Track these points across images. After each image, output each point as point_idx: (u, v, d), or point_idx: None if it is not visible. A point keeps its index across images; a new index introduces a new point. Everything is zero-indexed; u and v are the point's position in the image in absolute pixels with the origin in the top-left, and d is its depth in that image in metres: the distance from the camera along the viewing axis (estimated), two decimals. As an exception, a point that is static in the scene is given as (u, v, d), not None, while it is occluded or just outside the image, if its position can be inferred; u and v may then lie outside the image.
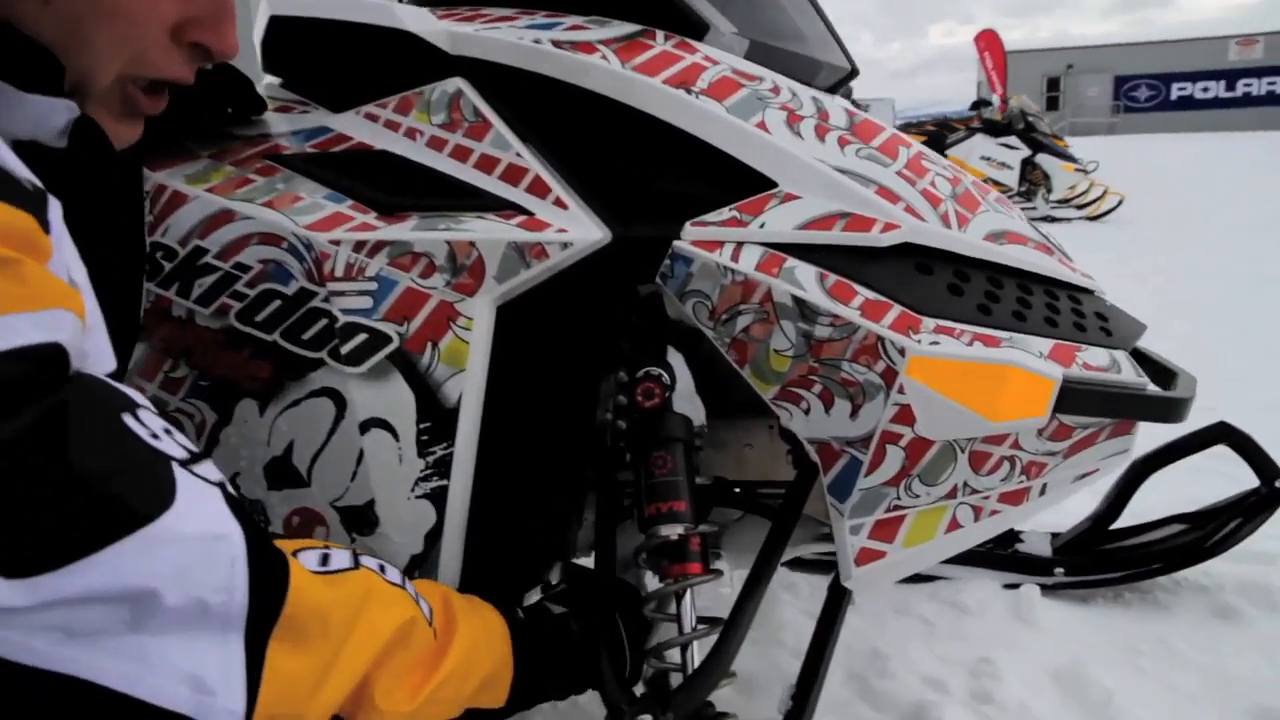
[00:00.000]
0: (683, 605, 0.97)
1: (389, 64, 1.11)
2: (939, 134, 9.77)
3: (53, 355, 0.57)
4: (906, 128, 11.32)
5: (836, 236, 1.00)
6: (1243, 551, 1.82)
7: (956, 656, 1.63)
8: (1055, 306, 1.08)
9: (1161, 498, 1.99)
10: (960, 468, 1.01)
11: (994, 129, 9.52)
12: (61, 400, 0.55)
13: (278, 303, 0.98)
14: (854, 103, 1.24)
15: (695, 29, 1.11)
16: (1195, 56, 32.54)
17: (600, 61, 1.03)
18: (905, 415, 0.96)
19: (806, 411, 0.99)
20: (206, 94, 1.10)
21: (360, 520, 0.97)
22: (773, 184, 1.02)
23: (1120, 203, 9.40)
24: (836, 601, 1.10)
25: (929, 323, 0.97)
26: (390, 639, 0.74)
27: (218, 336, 1.01)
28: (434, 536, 0.98)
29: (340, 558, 0.75)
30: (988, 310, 1.01)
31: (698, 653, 0.98)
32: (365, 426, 0.97)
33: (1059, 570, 1.89)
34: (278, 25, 1.18)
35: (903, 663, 1.61)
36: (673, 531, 0.96)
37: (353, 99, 1.14)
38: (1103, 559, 1.89)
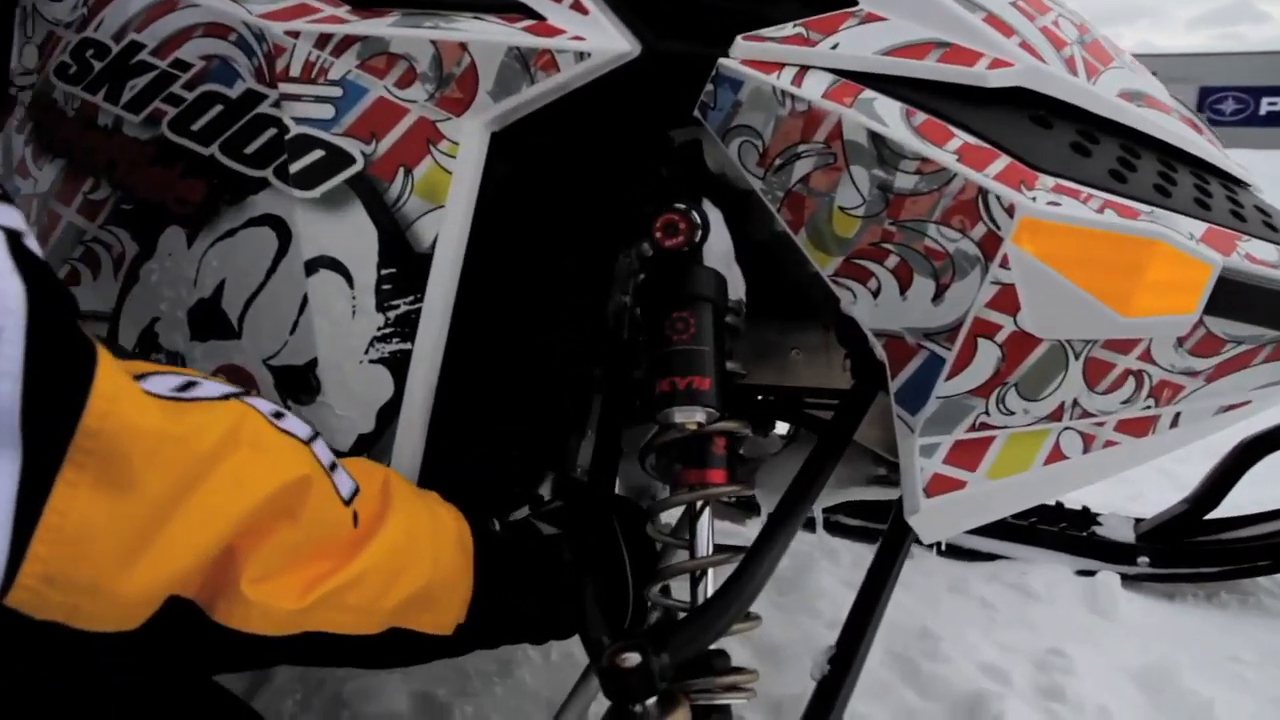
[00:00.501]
0: (699, 524, 0.75)
1: None
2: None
3: None
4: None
5: (930, 69, 0.77)
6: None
7: (1020, 645, 1.40)
8: (1206, 189, 0.84)
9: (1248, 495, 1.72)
10: (1071, 380, 0.78)
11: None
12: None
13: (219, 108, 0.79)
14: None
15: None
16: (1288, 72, 31.20)
17: None
18: (1007, 299, 0.73)
19: (876, 292, 0.77)
20: None
21: (298, 384, 0.77)
22: (852, 1, 0.79)
23: None
24: (895, 544, 0.87)
25: (1046, 180, 0.74)
26: (265, 501, 0.53)
27: (146, 149, 0.82)
28: (389, 413, 0.78)
29: (211, 387, 0.54)
30: (1122, 178, 0.78)
31: (711, 586, 0.76)
32: (313, 266, 0.76)
33: (1143, 560, 1.64)
34: None
35: (957, 646, 1.38)
36: (690, 419, 0.73)
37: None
38: (1196, 551, 1.64)
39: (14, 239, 0.43)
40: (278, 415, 0.58)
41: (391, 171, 0.77)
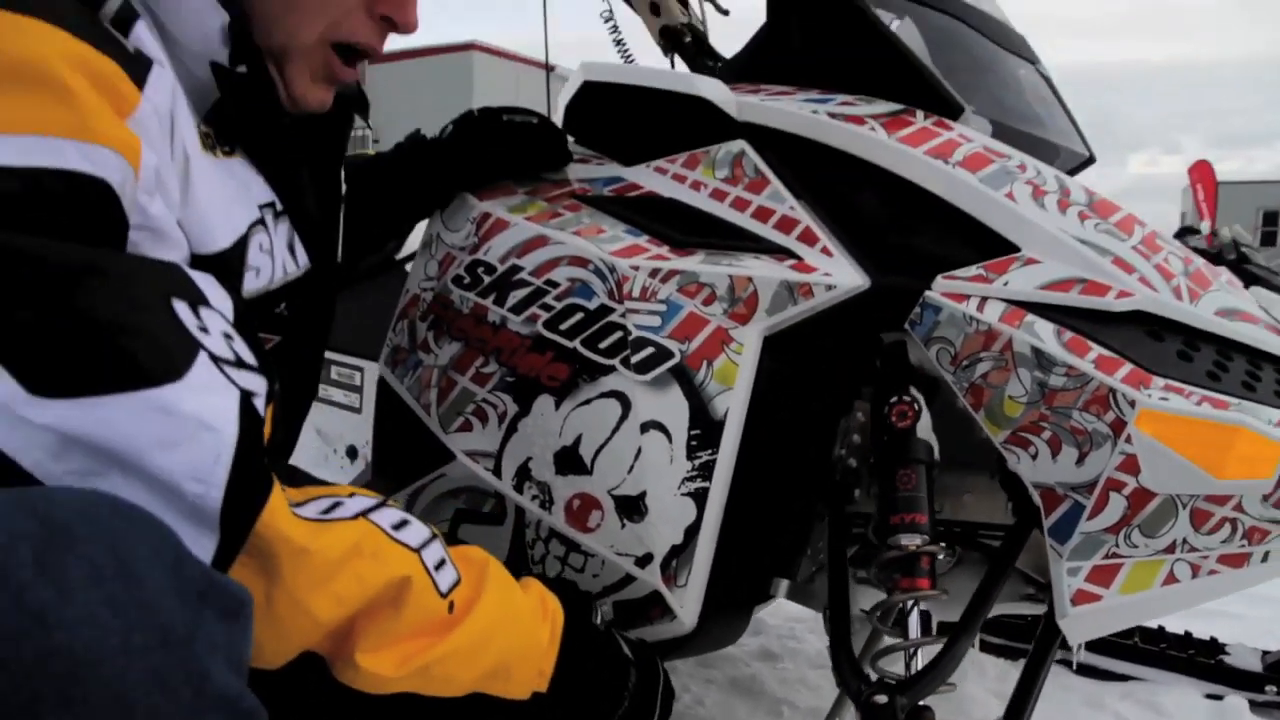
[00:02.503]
0: (910, 616, 1.07)
1: (684, 125, 1.30)
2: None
3: (96, 187, 0.62)
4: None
5: (1074, 298, 1.10)
6: None
7: (1154, 755, 1.62)
8: (1285, 383, 1.14)
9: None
10: (1181, 523, 1.07)
11: (1202, 258, 9.12)
12: (106, 257, 0.61)
13: (580, 315, 1.17)
14: None
15: (951, 110, 1.25)
16: None
17: (870, 132, 1.19)
18: (1130, 465, 1.04)
19: (1034, 456, 1.09)
20: (530, 141, 1.34)
21: (632, 508, 1.13)
22: (1016, 248, 1.14)
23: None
24: (1043, 654, 1.17)
25: (1159, 381, 1.05)
26: (375, 596, 0.71)
27: (525, 341, 1.20)
28: (693, 531, 1.13)
29: (350, 507, 0.75)
30: (1217, 377, 1.08)
31: (920, 662, 1.07)
32: (645, 427, 1.13)
33: (1271, 688, 1.83)
34: (589, 88, 1.40)
35: (1095, 750, 1.61)
36: (912, 542, 1.06)
37: (643, 154, 1.34)
38: (1323, 682, 1.83)
39: (245, 397, 0.63)
40: (399, 525, 0.75)
41: (699, 363, 1.14)
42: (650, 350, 1.14)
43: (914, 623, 1.08)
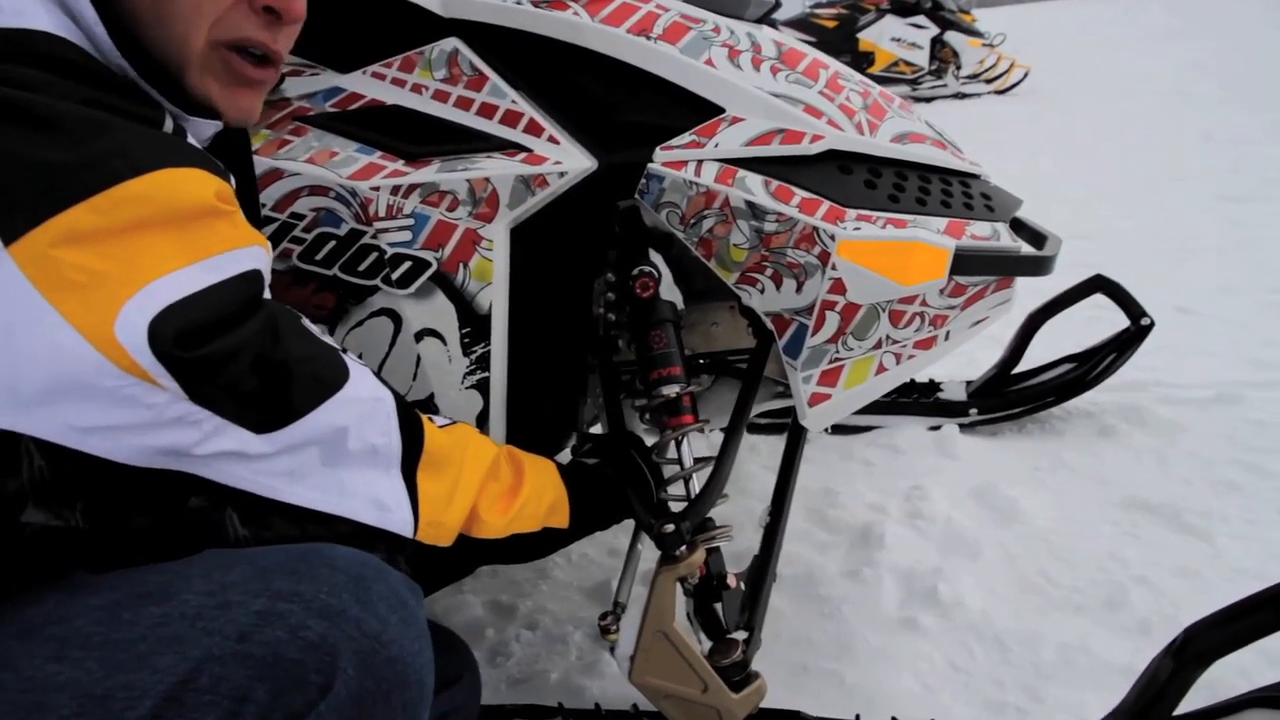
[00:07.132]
0: (682, 449, 1.25)
1: (392, 26, 1.30)
2: (851, 16, 9.95)
3: (260, 277, 0.81)
4: (817, 8, 11.43)
5: (775, 149, 1.25)
6: (1118, 382, 2.18)
7: (893, 487, 1.97)
8: (949, 191, 1.35)
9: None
10: (883, 324, 1.29)
11: (903, 10, 9.75)
12: (271, 312, 0.80)
13: (333, 243, 1.21)
14: None
15: (645, -18, 1.33)
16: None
17: (574, 17, 1.25)
18: (838, 287, 1.23)
19: (762, 291, 1.26)
20: None
21: (424, 410, 1.22)
22: (722, 110, 1.26)
23: (1026, 75, 9.75)
24: (796, 440, 1.39)
25: (851, 213, 1.23)
26: (488, 469, 1.02)
27: (284, 277, 1.23)
28: (483, 418, 1.24)
29: (439, 418, 1.03)
30: (896, 199, 1.28)
31: (696, 484, 1.26)
32: (419, 336, 1.21)
33: (973, 411, 2.23)
34: None
35: (850, 495, 1.93)
36: (671, 390, 1.23)
37: (356, 60, 1.34)
38: (1008, 398, 2.24)
39: (371, 369, 0.89)
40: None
41: (455, 266, 1.22)
42: (408, 264, 1.20)
43: (686, 452, 1.26)
